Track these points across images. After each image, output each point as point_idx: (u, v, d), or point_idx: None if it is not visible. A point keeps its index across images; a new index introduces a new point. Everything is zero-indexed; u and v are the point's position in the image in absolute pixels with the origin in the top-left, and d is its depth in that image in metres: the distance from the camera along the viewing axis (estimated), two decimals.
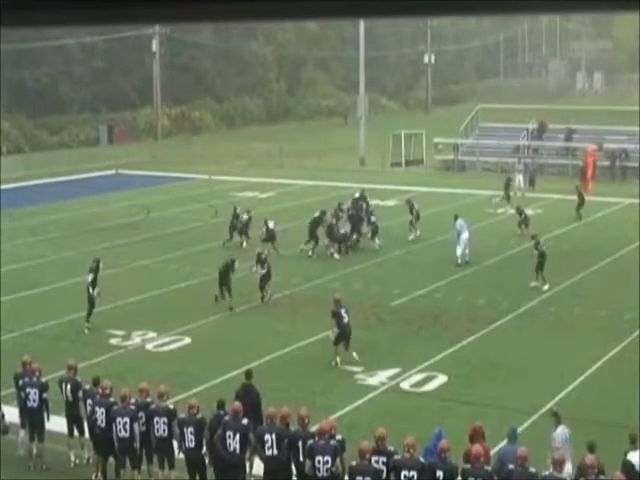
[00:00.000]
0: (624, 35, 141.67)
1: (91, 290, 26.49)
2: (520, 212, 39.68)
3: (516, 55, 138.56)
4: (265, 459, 15.60)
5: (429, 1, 2.37)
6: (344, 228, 36.52)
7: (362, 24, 64.41)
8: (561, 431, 15.63)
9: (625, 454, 14.71)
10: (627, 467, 14.28)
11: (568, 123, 60.71)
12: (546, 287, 30.37)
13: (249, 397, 17.41)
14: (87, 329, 26.35)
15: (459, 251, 34.07)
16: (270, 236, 35.47)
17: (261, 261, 29.20)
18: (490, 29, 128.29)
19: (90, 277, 26.71)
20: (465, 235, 34.20)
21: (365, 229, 37.01)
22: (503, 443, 15.84)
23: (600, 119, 62.13)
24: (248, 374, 18.30)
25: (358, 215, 37.41)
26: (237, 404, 16.27)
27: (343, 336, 23.29)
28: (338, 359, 23.31)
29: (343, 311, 23.31)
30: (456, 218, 35.07)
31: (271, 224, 35.86)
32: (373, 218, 36.98)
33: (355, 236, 36.67)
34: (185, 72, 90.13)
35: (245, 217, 37.29)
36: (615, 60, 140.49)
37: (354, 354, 23.40)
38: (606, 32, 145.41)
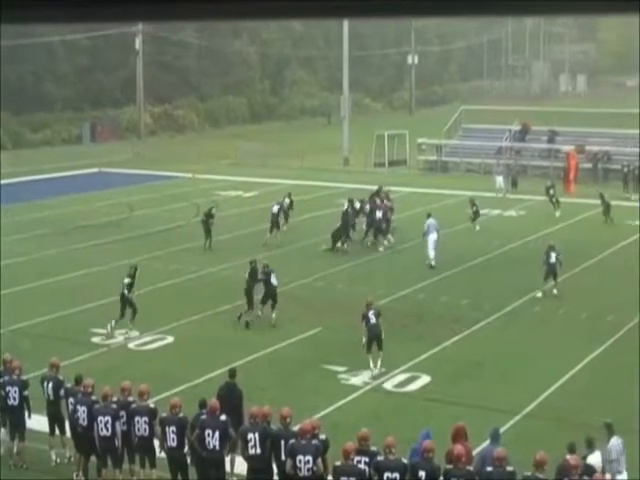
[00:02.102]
0: (608, 38, 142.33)
1: (127, 292, 26.07)
2: (473, 204, 40.03)
3: (500, 57, 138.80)
4: (248, 458, 15.59)
5: (427, 2, 2.35)
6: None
7: (346, 24, 64.37)
8: (615, 442, 15.44)
9: (584, 458, 14.71)
10: (589, 470, 14.29)
11: (551, 125, 60.85)
12: (539, 294, 30.28)
13: (232, 396, 17.39)
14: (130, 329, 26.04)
15: (430, 252, 34.01)
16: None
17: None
18: (474, 31, 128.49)
19: (127, 281, 26.25)
20: (432, 236, 34.10)
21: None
22: (486, 443, 15.85)
23: (583, 121, 62.33)
24: (231, 373, 18.26)
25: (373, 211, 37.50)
26: (214, 401, 16.25)
27: (370, 339, 22.83)
28: (372, 365, 22.77)
29: (371, 313, 22.89)
30: (428, 217, 35.08)
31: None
32: (385, 215, 37.09)
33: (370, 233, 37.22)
34: (169, 71, 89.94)
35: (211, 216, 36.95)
36: (598, 63, 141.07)
37: (378, 363, 22.81)
38: (590, 35, 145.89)
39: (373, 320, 22.84)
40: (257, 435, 15.41)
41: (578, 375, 22.84)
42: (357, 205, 38.18)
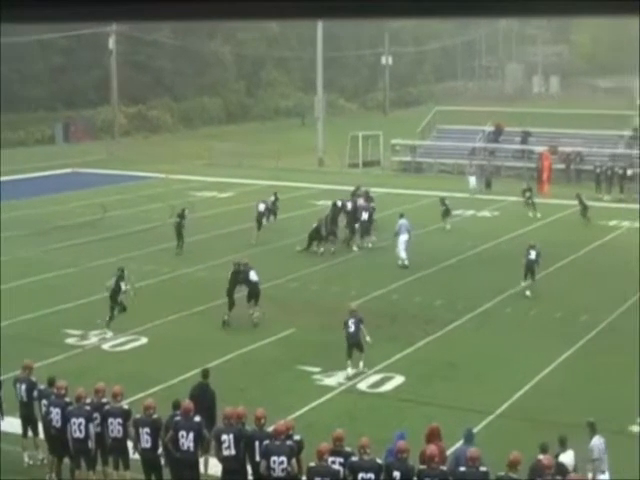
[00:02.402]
0: (581, 40, 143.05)
1: (117, 293, 26.06)
2: (442, 203, 40.48)
3: (474, 58, 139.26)
4: (223, 459, 15.58)
5: (425, 2, 2.38)
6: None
7: (320, 25, 64.39)
8: (597, 441, 15.50)
9: (556, 456, 14.81)
10: (561, 469, 14.38)
11: (524, 126, 61.12)
12: (528, 292, 30.52)
13: (204, 397, 17.38)
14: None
15: (401, 253, 34.14)
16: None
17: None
18: (448, 32, 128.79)
19: (114, 282, 26.19)
20: (403, 237, 34.22)
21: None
22: (459, 444, 15.92)
23: (556, 122, 62.63)
24: (204, 373, 18.26)
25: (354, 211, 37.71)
26: (188, 402, 16.25)
27: (350, 346, 22.82)
28: (349, 367, 22.79)
29: (351, 321, 22.91)
30: (400, 217, 35.24)
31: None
32: (365, 215, 37.20)
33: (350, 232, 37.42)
34: (143, 71, 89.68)
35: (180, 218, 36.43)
36: (572, 64, 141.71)
37: (361, 364, 23.00)
38: (563, 37, 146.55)
39: (352, 328, 22.84)
40: (231, 436, 15.41)
41: (551, 375, 22.96)
42: (339, 204, 38.25)
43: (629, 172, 51.05)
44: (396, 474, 14.15)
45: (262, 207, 39.01)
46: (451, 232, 40.17)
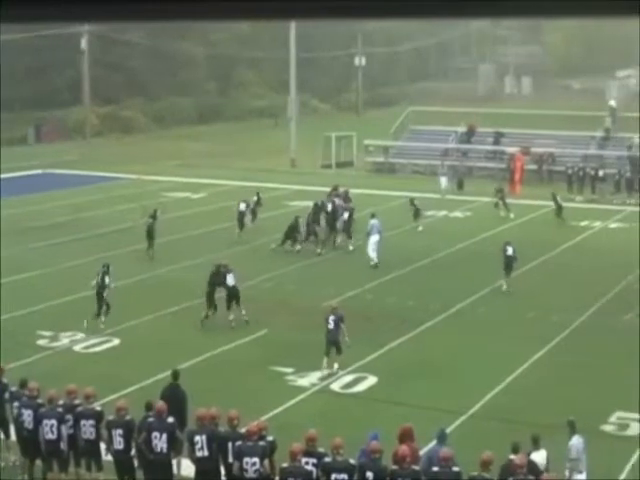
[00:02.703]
0: (553, 41, 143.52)
1: (102, 290, 26.52)
2: (412, 203, 40.97)
3: (447, 59, 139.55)
4: (196, 460, 15.56)
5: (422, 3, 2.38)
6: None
7: (293, 25, 64.35)
8: (576, 441, 15.51)
9: (528, 454, 14.88)
10: (532, 467, 14.45)
11: (496, 127, 61.33)
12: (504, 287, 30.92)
13: (175, 397, 17.35)
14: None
15: (371, 253, 34.25)
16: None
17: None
18: (421, 33, 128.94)
19: (99, 279, 26.72)
20: (374, 237, 34.32)
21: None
22: (432, 444, 15.96)
23: (528, 123, 62.87)
24: (175, 375, 18.25)
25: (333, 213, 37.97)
26: (161, 404, 16.22)
27: (328, 343, 23.01)
28: (324, 365, 22.98)
29: (331, 319, 23.10)
30: (372, 217, 35.35)
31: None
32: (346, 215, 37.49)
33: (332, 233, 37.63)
34: (116, 71, 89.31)
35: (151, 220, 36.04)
36: (544, 65, 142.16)
37: (335, 365, 23.09)
38: (535, 37, 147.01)
39: (332, 325, 23.02)
40: (204, 437, 15.40)
41: (524, 375, 23.07)
42: (320, 203, 38.53)
43: (601, 173, 51.35)
44: (369, 474, 14.17)
45: (243, 206, 39.35)
46: (424, 233, 40.26)
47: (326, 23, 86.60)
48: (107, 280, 26.80)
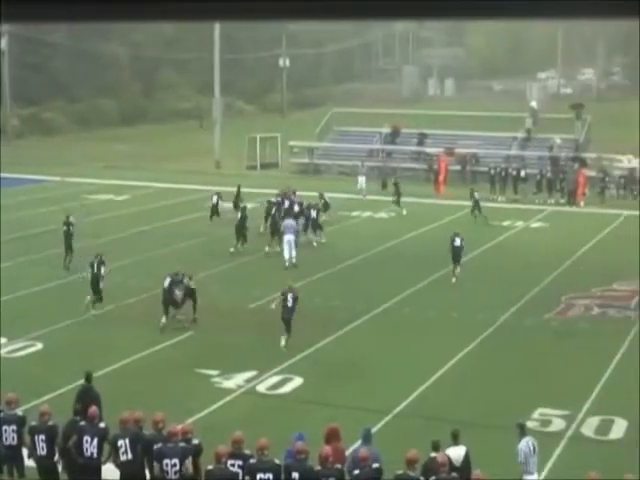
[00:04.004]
0: (475, 43, 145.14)
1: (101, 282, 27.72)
2: (321, 197, 41.53)
3: (371, 60, 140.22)
4: (120, 465, 15.42)
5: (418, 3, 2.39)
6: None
7: (217, 26, 64.18)
8: (525, 444, 15.41)
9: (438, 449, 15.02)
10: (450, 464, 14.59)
11: (420, 128, 61.78)
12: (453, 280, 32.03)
13: (89, 399, 17.20)
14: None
15: (286, 254, 34.37)
16: None
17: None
18: (345, 34, 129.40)
19: (95, 268, 27.95)
20: (288, 237, 34.47)
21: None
22: (358, 443, 16.02)
23: (451, 124, 63.47)
24: (87, 376, 18.12)
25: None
26: (94, 408, 16.07)
27: (283, 320, 24.97)
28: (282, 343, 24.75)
29: (290, 296, 25.03)
30: (288, 217, 35.63)
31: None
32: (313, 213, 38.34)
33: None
34: (38, 72, 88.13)
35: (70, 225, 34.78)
36: (466, 67, 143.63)
37: (282, 342, 24.70)
38: (457, 39, 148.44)
39: (290, 303, 25.00)
40: (127, 440, 15.28)
41: (448, 373, 23.28)
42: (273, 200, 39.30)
43: (522, 173, 52.00)
44: (295, 475, 14.19)
45: (215, 199, 41.45)
46: (349, 233, 40.42)
47: (250, 24, 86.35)
48: (103, 270, 27.87)
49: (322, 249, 36.44)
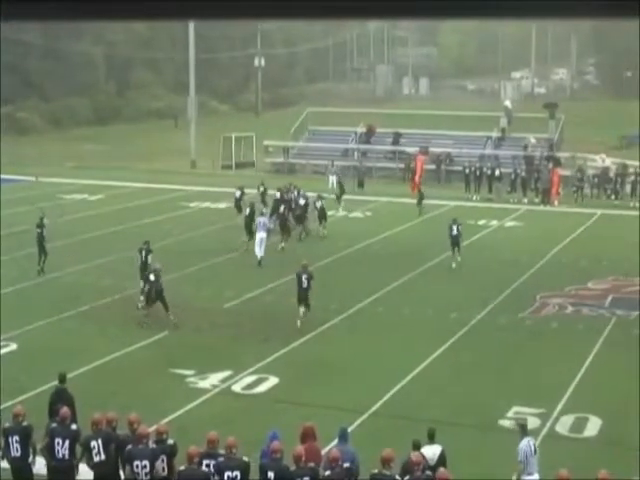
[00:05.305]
0: (448, 42, 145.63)
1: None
2: (260, 187, 43.45)
3: (345, 60, 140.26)
4: (93, 466, 15.35)
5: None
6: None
7: (192, 26, 64.07)
8: (525, 443, 15.33)
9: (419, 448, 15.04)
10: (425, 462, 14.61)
11: (395, 127, 61.88)
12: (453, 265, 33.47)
13: (62, 401, 17.13)
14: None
15: (256, 249, 34.46)
16: None
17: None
18: (319, 34, 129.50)
19: (143, 257, 29.26)
20: (259, 235, 34.54)
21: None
22: (334, 442, 16.02)
23: (426, 123, 63.61)
24: (61, 378, 18.02)
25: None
26: (65, 410, 15.97)
27: (299, 299, 26.60)
28: (299, 322, 26.24)
29: (304, 277, 26.50)
30: (261, 215, 35.72)
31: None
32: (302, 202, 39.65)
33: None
34: (11, 71, 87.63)
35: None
36: (440, 66, 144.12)
37: (299, 322, 26.19)
38: (431, 39, 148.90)
39: (305, 284, 26.49)
40: (100, 441, 15.21)
41: (423, 373, 23.31)
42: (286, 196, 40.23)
43: (497, 172, 52.18)
44: (270, 474, 14.18)
45: (238, 194, 42.10)
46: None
47: (224, 23, 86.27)
48: (150, 258, 29.09)
49: (295, 248, 36.40)
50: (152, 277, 27.00)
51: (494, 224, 43.79)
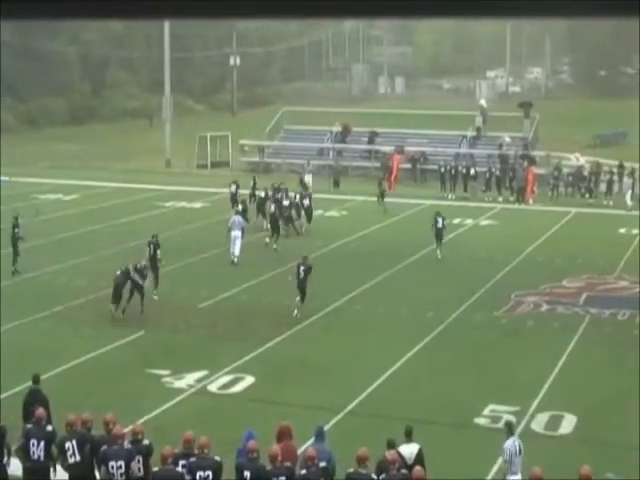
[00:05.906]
0: (423, 41, 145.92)
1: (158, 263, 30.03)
2: (232, 185, 43.93)
3: (320, 59, 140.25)
4: (68, 467, 15.27)
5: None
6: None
7: (167, 25, 63.91)
8: (511, 443, 15.34)
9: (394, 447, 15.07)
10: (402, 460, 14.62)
11: (371, 126, 61.93)
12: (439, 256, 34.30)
13: (37, 402, 17.05)
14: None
15: (232, 249, 34.46)
16: None
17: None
18: (295, 33, 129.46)
19: (151, 250, 30.14)
20: (234, 233, 34.55)
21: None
22: (311, 441, 16.02)
23: (402, 122, 63.70)
24: (35, 378, 17.94)
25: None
26: (41, 411, 15.90)
27: (298, 290, 27.73)
28: (295, 311, 27.56)
29: (302, 269, 27.77)
30: (236, 213, 35.94)
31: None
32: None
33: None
34: None
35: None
36: (416, 65, 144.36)
37: (295, 311, 27.41)
38: (407, 38, 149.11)
39: (302, 275, 27.83)
40: (74, 442, 15.14)
41: (400, 371, 23.35)
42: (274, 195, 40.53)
43: (472, 171, 52.31)
44: (246, 474, 14.16)
45: (233, 188, 43.16)
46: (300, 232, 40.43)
47: (199, 22, 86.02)
48: (159, 253, 30.19)
49: (272, 247, 36.41)
50: (137, 276, 27.22)
51: (469, 223, 43.91)
